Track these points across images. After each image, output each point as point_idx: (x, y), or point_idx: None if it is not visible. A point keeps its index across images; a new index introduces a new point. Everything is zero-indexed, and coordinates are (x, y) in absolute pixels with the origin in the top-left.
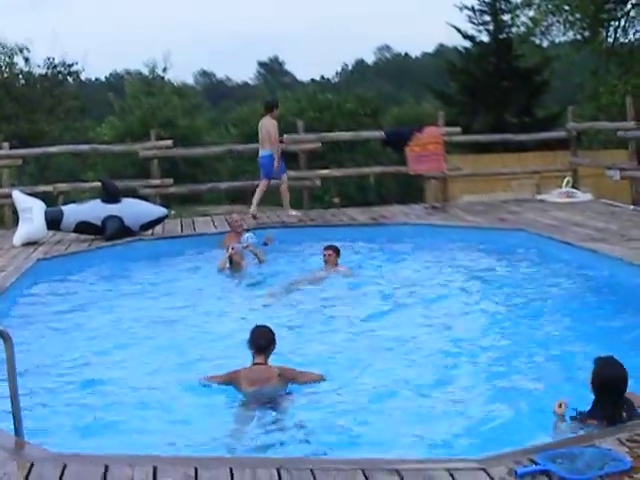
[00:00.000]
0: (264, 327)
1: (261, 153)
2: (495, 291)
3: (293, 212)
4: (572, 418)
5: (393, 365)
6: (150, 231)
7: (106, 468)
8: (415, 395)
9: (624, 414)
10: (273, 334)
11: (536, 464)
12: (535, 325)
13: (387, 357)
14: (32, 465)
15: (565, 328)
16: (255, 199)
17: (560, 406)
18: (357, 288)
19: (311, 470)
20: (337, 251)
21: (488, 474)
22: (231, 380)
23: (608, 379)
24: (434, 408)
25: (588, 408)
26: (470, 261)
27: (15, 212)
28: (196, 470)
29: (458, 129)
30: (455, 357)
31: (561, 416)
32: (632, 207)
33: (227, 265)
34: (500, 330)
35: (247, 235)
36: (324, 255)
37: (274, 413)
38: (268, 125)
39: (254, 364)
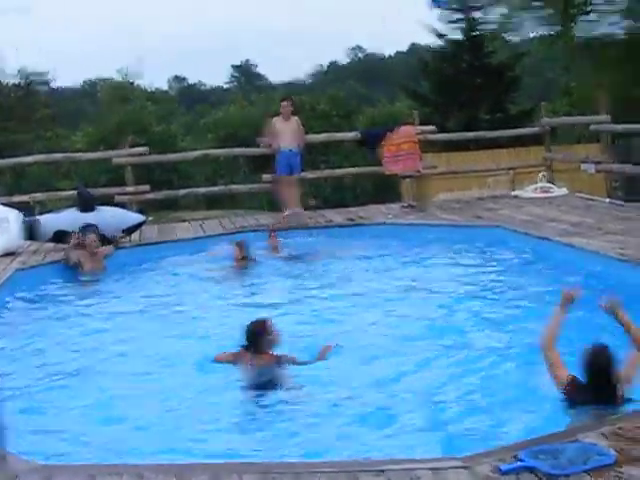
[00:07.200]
0: (257, 321)
1: None
2: (473, 288)
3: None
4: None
5: (373, 364)
6: (127, 238)
7: (92, 478)
8: (397, 394)
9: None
10: (261, 326)
11: (520, 461)
12: (514, 320)
13: (364, 354)
14: (17, 478)
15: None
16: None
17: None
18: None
19: (297, 474)
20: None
21: (472, 472)
22: (235, 360)
23: (595, 367)
24: (417, 407)
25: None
26: (448, 259)
27: None
28: (182, 477)
29: (433, 128)
30: (435, 354)
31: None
32: (607, 200)
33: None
34: (480, 326)
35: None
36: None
37: (272, 394)
38: None
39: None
